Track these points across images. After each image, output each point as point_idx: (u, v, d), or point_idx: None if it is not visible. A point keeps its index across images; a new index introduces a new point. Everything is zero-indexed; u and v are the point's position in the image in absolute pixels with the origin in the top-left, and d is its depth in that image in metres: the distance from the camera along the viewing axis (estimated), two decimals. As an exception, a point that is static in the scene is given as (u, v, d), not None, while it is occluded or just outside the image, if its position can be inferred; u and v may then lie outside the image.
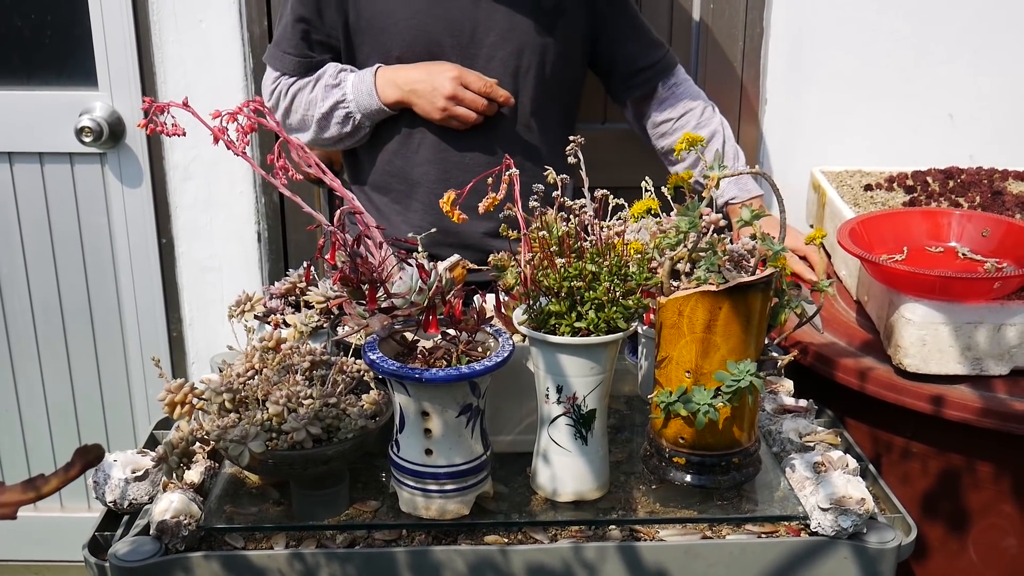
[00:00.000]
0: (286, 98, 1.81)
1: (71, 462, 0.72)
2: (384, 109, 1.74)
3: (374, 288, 1.15)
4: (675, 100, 1.91)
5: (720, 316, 1.12)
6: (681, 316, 1.13)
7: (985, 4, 2.18)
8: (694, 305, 1.12)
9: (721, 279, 1.12)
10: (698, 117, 1.90)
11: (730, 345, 1.13)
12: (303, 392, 1.18)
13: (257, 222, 2.34)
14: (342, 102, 1.75)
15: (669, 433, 1.20)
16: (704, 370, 1.15)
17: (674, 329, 1.15)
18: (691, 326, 1.13)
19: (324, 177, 1.23)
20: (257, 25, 2.23)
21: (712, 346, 1.13)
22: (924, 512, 1.55)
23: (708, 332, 1.13)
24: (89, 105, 2.28)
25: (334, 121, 1.78)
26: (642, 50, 1.89)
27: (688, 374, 1.15)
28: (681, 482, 1.20)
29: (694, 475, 1.20)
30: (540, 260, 1.17)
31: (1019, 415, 1.43)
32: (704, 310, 1.12)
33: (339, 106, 1.76)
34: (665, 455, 1.21)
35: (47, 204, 2.37)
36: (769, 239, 1.14)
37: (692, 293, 1.12)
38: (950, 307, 1.46)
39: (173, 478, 1.21)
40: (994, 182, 1.96)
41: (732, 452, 1.20)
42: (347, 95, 1.75)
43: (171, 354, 2.46)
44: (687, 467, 1.20)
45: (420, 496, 1.15)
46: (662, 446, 1.21)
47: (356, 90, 1.74)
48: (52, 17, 2.27)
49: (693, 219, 1.13)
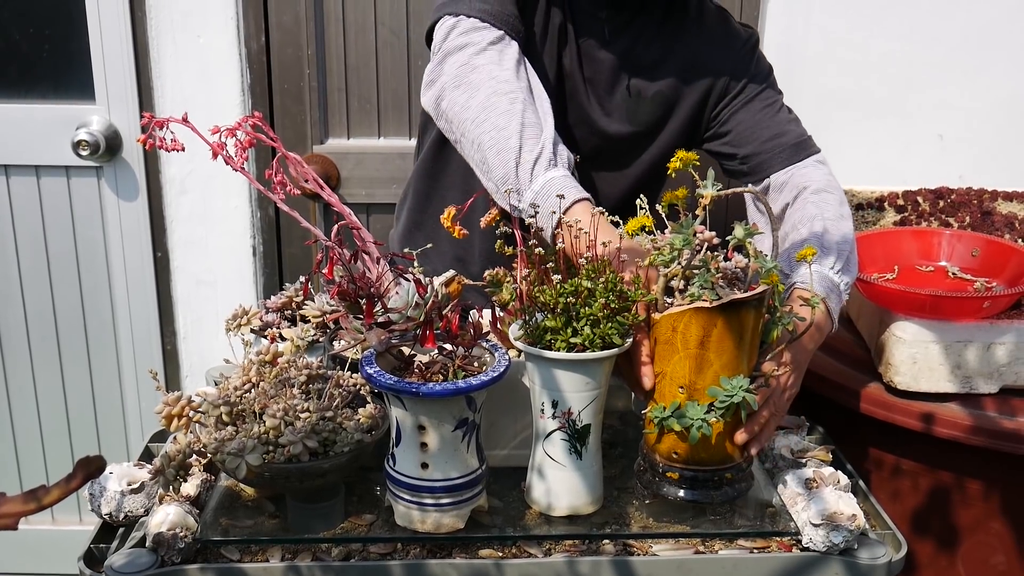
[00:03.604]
0: (482, 55, 1.40)
1: (72, 473, 0.72)
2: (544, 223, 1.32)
3: (371, 302, 1.16)
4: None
5: (714, 332, 1.13)
6: (675, 332, 1.14)
7: (975, 26, 2.21)
8: (688, 321, 1.13)
9: (715, 296, 1.13)
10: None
11: (723, 361, 1.14)
12: (300, 405, 1.19)
13: (253, 236, 2.35)
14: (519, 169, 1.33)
15: (663, 448, 1.21)
16: (698, 386, 1.16)
17: (668, 345, 1.16)
18: (685, 342, 1.14)
19: (321, 192, 1.25)
20: (255, 40, 2.24)
21: (706, 362, 1.14)
22: (914, 528, 1.56)
23: (702, 348, 1.14)
24: (86, 119, 2.29)
25: (480, 152, 1.36)
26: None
27: (682, 389, 1.16)
28: (674, 497, 1.21)
29: (687, 490, 1.21)
30: (536, 276, 1.18)
31: (1008, 433, 1.44)
32: (698, 326, 1.13)
33: (512, 163, 1.33)
34: (659, 470, 1.22)
35: (43, 217, 2.38)
36: (762, 256, 1.16)
37: (686, 309, 1.13)
38: (941, 326, 1.48)
39: (169, 490, 1.22)
40: (983, 202, 1.98)
41: (725, 468, 1.21)
42: (531, 178, 1.33)
43: (165, 367, 2.46)
44: (680, 482, 1.21)
45: (416, 510, 1.16)
46: (656, 461, 1.22)
47: (545, 188, 1.32)
48: (50, 31, 2.28)
49: (687, 236, 1.14)
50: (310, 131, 2.33)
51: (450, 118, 1.41)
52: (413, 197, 1.77)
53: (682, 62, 1.60)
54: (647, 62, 1.59)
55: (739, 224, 1.17)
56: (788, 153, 1.55)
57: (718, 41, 1.62)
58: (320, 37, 2.27)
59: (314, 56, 2.27)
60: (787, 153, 1.55)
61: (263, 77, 2.28)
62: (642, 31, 1.59)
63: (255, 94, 2.27)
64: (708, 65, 1.61)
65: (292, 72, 2.28)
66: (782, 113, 1.61)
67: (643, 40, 1.59)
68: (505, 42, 1.44)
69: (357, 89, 2.32)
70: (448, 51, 1.43)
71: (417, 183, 1.76)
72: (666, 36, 1.60)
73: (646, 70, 1.60)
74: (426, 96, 1.45)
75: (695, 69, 1.61)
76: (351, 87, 2.31)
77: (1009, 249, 1.62)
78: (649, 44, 1.59)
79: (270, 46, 2.27)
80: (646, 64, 1.59)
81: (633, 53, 1.59)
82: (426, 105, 1.46)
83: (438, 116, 1.44)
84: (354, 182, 2.34)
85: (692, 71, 1.61)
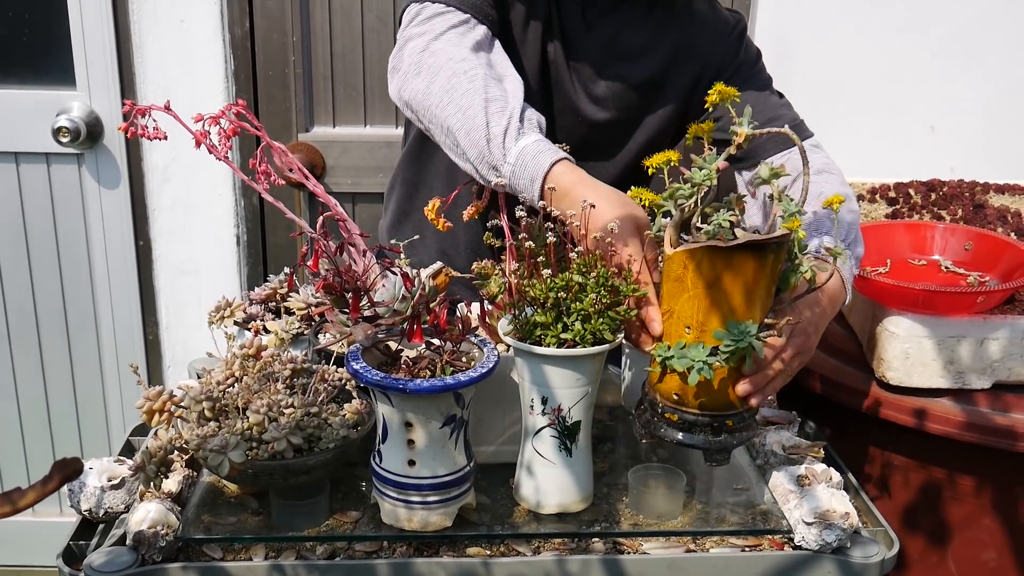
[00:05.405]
0: (438, 41, 1.37)
1: (49, 475, 0.70)
2: (532, 195, 1.27)
3: (357, 297, 1.13)
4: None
5: (727, 273, 1.07)
6: (686, 270, 1.09)
7: (967, 17, 2.20)
8: (701, 259, 1.07)
9: (731, 236, 1.08)
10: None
11: (734, 304, 1.08)
12: (284, 401, 1.16)
13: (236, 225, 2.31)
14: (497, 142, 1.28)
15: (664, 389, 1.16)
16: (705, 327, 1.10)
17: (678, 283, 1.10)
18: (695, 281, 1.08)
19: (307, 183, 1.22)
20: (239, 26, 2.21)
21: (716, 304, 1.08)
22: (905, 525, 1.56)
23: (712, 289, 1.08)
24: (67, 105, 2.25)
25: (451, 136, 1.33)
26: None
27: (688, 330, 1.11)
28: (672, 439, 1.16)
29: (686, 433, 1.15)
30: (526, 270, 1.16)
31: (1000, 429, 1.43)
32: (711, 265, 1.07)
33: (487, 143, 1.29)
34: (658, 410, 1.17)
35: (22, 205, 2.34)
36: (787, 199, 1.10)
37: (701, 246, 1.07)
38: (934, 321, 1.47)
39: (150, 487, 1.19)
40: (976, 195, 1.97)
41: (726, 414, 1.15)
42: (507, 151, 1.28)
43: (147, 358, 2.43)
44: (679, 424, 1.15)
45: (402, 508, 1.14)
46: (656, 401, 1.17)
47: (521, 157, 1.27)
48: (30, 15, 2.24)
49: (710, 172, 1.09)
50: (295, 119, 2.29)
51: (414, 107, 1.38)
52: (401, 186, 1.75)
53: (670, 48, 1.59)
54: (633, 48, 1.58)
55: (765, 163, 1.12)
56: (782, 137, 1.53)
57: (707, 27, 1.61)
58: (305, 23, 2.24)
59: (299, 42, 2.24)
60: (781, 137, 1.53)
61: (247, 63, 2.24)
62: (628, 17, 1.57)
63: (239, 81, 2.24)
64: (697, 51, 1.59)
65: (277, 59, 2.25)
66: (773, 98, 1.59)
67: (630, 26, 1.58)
68: (469, 25, 1.41)
69: (343, 76, 2.29)
70: (409, 37, 1.40)
71: (404, 172, 1.74)
72: (654, 22, 1.58)
73: (632, 56, 1.58)
74: (391, 87, 1.43)
75: (684, 55, 1.59)
76: (337, 74, 2.28)
77: (1003, 243, 1.61)
78: (636, 30, 1.58)
79: (254, 32, 2.23)
80: (632, 50, 1.58)
81: (618, 39, 1.57)
82: (392, 96, 1.43)
83: (403, 107, 1.42)
84: (340, 171, 2.31)
85: (681, 57, 1.59)
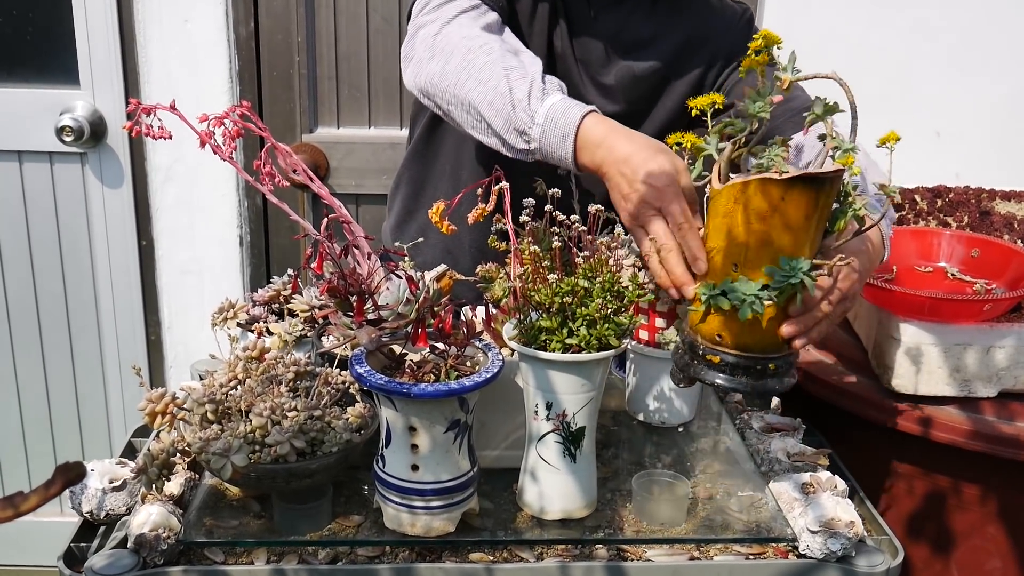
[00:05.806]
0: (450, 26, 1.36)
1: (52, 479, 0.69)
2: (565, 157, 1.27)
3: (362, 300, 1.12)
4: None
5: (779, 208, 1.03)
6: (736, 204, 1.05)
7: (972, 23, 2.19)
8: (752, 193, 1.04)
9: (784, 170, 1.04)
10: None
11: (785, 241, 1.05)
12: (287, 404, 1.16)
13: (240, 226, 2.31)
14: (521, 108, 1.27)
15: (706, 329, 1.12)
16: (755, 264, 1.06)
17: (726, 218, 1.07)
18: (746, 216, 1.05)
19: (311, 185, 1.21)
20: (244, 26, 2.20)
21: (766, 240, 1.05)
22: (909, 533, 1.55)
23: (763, 224, 1.04)
24: (70, 104, 2.25)
25: (474, 111, 1.31)
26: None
27: (736, 267, 1.08)
28: (711, 382, 1.12)
29: (727, 376, 1.11)
30: (531, 274, 1.15)
31: (1006, 437, 1.42)
32: (763, 199, 1.03)
33: (514, 112, 1.27)
34: (699, 352, 1.13)
35: (25, 204, 2.33)
36: (840, 137, 1.07)
37: (753, 179, 1.04)
38: (940, 328, 1.46)
39: (152, 490, 1.19)
40: (982, 202, 1.96)
41: (770, 357, 1.11)
42: (535, 114, 1.27)
43: (149, 358, 2.43)
44: (720, 367, 1.12)
45: (405, 512, 1.13)
46: (697, 343, 1.13)
47: (550, 115, 1.26)
48: (34, 14, 2.23)
49: (764, 105, 1.06)
50: (299, 119, 2.29)
51: (431, 91, 1.37)
52: (406, 185, 1.74)
53: (678, 40, 1.60)
54: (641, 40, 1.59)
55: (819, 98, 1.10)
56: (800, 118, 1.52)
57: (715, 17, 1.62)
58: (310, 23, 2.24)
59: (304, 43, 2.23)
60: (798, 118, 1.52)
61: (252, 63, 2.24)
62: (635, 9, 1.58)
63: (243, 81, 2.23)
64: (706, 42, 1.60)
65: (281, 59, 2.24)
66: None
67: (636, 18, 1.58)
68: (480, 11, 1.41)
69: (348, 77, 2.28)
70: (420, 25, 1.40)
71: (409, 170, 1.73)
72: (660, 14, 1.59)
73: (639, 47, 1.59)
74: (405, 76, 1.43)
75: (692, 47, 1.60)
76: (342, 75, 2.28)
77: (1010, 251, 1.60)
78: (643, 22, 1.59)
79: (259, 31, 2.23)
80: (639, 42, 1.59)
81: (625, 31, 1.58)
82: (407, 85, 1.43)
83: (420, 94, 1.41)
84: (343, 172, 2.31)
85: (689, 48, 1.60)
